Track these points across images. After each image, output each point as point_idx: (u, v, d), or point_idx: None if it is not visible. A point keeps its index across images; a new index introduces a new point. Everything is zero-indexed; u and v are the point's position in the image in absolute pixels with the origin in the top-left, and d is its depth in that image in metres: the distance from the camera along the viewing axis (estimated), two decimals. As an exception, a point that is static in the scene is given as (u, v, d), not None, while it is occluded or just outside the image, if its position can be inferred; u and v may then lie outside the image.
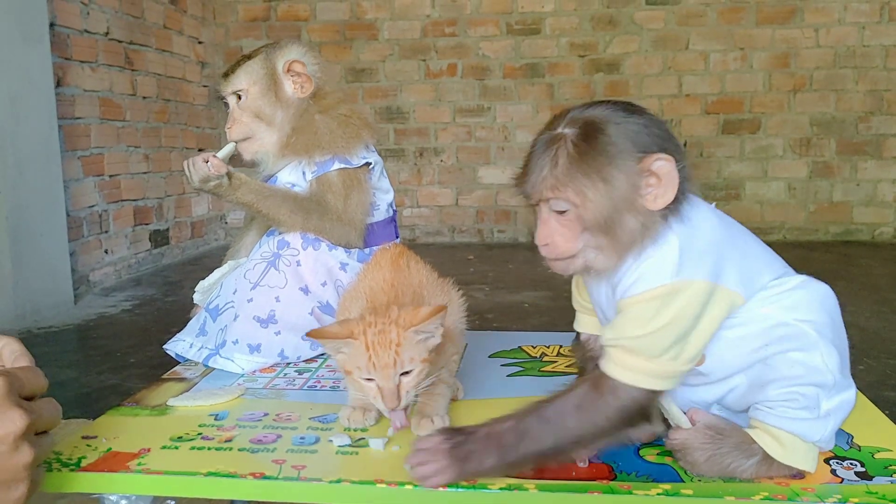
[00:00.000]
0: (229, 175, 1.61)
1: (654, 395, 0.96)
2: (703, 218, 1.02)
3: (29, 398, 0.87)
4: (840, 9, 3.80)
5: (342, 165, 1.66)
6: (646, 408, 0.96)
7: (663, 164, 0.93)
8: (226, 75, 1.70)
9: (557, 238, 0.98)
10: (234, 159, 1.73)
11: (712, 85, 3.93)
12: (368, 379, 1.09)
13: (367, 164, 1.71)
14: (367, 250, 1.72)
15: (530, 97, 4.02)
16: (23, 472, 0.84)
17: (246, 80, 1.69)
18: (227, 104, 1.72)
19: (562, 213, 0.97)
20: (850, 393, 1.07)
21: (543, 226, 0.99)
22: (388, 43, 4.06)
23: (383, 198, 1.78)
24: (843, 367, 1.03)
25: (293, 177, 1.68)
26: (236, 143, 1.71)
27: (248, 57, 1.72)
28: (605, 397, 0.95)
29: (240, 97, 1.69)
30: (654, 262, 0.96)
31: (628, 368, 0.95)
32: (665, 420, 1.10)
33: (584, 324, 1.20)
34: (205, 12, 4.06)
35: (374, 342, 1.07)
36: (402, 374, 1.09)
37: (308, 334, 1.09)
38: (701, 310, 0.97)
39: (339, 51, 4.05)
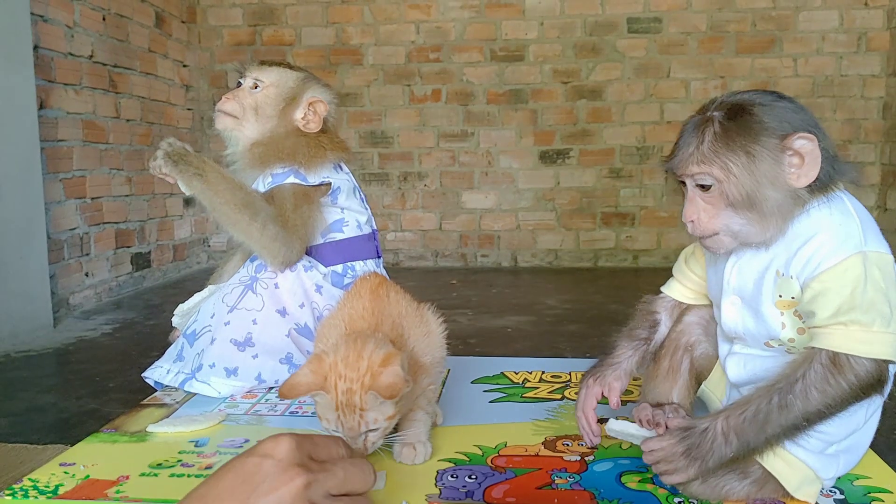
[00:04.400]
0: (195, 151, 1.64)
1: (887, 365, 0.97)
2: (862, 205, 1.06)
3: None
4: (818, 39, 3.87)
5: (296, 181, 1.67)
6: (883, 381, 0.97)
7: (805, 143, 0.98)
8: (263, 63, 1.75)
9: (703, 215, 1.03)
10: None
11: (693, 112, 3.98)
12: (336, 432, 1.11)
13: (325, 184, 1.72)
14: (339, 268, 1.72)
15: (514, 123, 4.05)
16: None
17: (275, 78, 1.73)
18: (240, 83, 1.76)
19: (707, 189, 1.01)
20: (869, 431, 1.10)
21: (690, 204, 1.04)
22: (372, 68, 4.09)
23: (353, 216, 1.78)
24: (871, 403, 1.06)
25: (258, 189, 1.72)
26: (220, 113, 1.73)
27: (290, 67, 1.77)
28: (845, 374, 0.95)
29: (257, 86, 1.73)
30: (838, 232, 0.99)
31: (870, 342, 0.95)
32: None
33: (675, 289, 1.26)
34: (190, 36, 4.07)
35: (342, 403, 1.08)
36: (369, 430, 1.10)
37: (280, 392, 1.10)
38: (895, 279, 0.99)
39: (323, 76, 4.05)
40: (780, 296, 1.04)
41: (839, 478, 1.13)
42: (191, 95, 4.06)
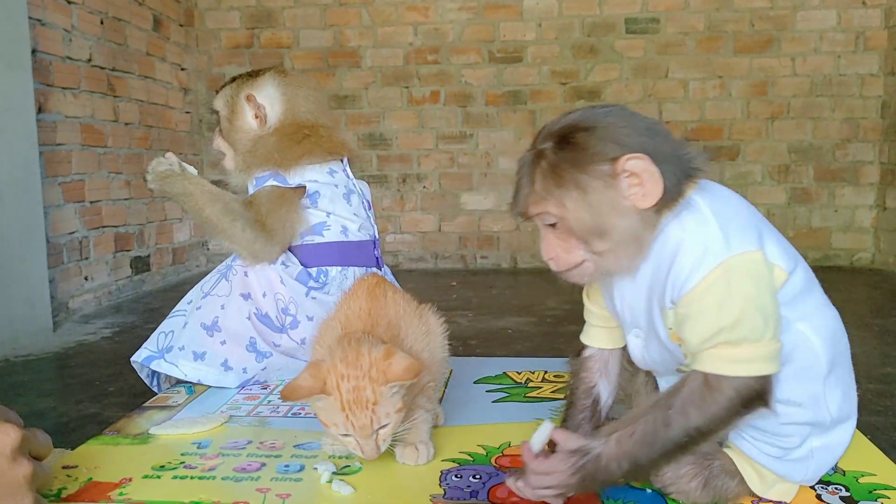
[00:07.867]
0: (181, 167, 1.70)
1: (768, 379, 0.93)
2: (724, 192, 1.01)
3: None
4: (816, 38, 3.88)
5: (276, 183, 1.72)
6: (765, 393, 0.93)
7: (637, 163, 0.92)
8: (216, 93, 1.84)
9: (559, 251, 0.99)
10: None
11: (692, 112, 3.99)
12: (346, 434, 1.10)
13: (301, 186, 1.73)
14: (314, 271, 1.73)
15: (512, 124, 4.05)
16: (25, 485, 0.84)
17: (219, 102, 1.84)
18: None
19: (553, 226, 0.98)
20: (846, 431, 1.06)
21: (544, 242, 1.00)
22: (370, 70, 4.09)
23: (338, 221, 1.78)
24: (845, 402, 1.03)
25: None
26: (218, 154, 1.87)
27: (233, 80, 1.82)
28: (722, 392, 0.92)
29: (218, 115, 1.82)
30: (695, 247, 0.94)
31: (739, 361, 0.92)
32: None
33: (594, 337, 1.21)
34: (188, 39, 4.07)
35: (349, 401, 1.06)
36: (379, 427, 1.10)
37: (282, 395, 1.10)
38: (767, 279, 0.94)
39: (322, 78, 4.07)
40: (671, 328, 1.00)
41: (844, 475, 1.12)
42: (189, 99, 4.06)
